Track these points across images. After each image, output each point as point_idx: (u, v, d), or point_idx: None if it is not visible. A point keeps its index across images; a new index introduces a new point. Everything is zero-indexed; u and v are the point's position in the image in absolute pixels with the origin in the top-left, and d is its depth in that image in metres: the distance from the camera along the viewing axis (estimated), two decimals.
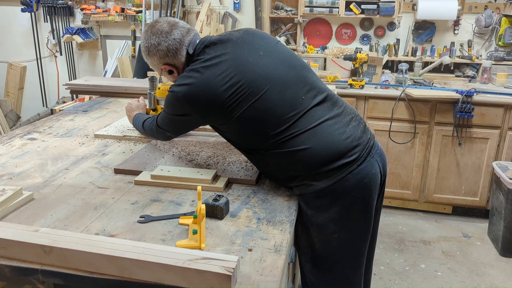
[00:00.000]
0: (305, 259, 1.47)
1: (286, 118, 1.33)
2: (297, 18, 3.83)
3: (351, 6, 3.62)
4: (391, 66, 3.86)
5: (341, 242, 1.42)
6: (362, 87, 3.28)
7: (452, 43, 3.76)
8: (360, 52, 3.38)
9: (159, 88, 1.86)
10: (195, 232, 1.06)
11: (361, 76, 3.35)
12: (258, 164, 1.46)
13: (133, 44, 4.32)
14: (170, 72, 1.49)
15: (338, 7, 3.65)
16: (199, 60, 1.39)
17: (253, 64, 1.36)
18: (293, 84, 1.38)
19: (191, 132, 1.95)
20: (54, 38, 4.49)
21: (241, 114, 1.32)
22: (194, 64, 1.40)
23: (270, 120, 1.33)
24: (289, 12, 3.87)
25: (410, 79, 3.46)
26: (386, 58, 3.76)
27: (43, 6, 4.37)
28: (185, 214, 1.23)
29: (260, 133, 1.35)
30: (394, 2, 3.53)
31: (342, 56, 3.46)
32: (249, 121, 1.34)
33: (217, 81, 1.33)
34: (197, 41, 1.45)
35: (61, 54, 4.54)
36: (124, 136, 1.92)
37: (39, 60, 4.58)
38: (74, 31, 4.22)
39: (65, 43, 4.46)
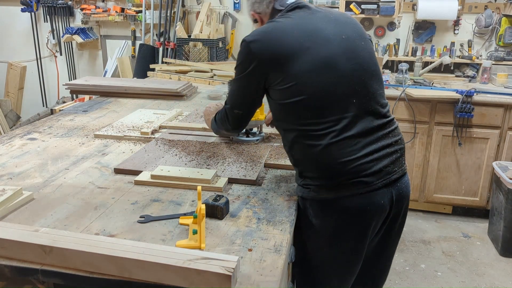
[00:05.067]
0: (296, 262, 1.45)
1: (327, 111, 1.27)
2: None
3: (351, 6, 3.62)
4: (391, 66, 3.86)
5: (329, 258, 1.39)
6: None
7: (452, 43, 3.76)
8: None
9: None
10: (195, 232, 1.06)
11: None
12: (285, 146, 1.42)
13: (133, 44, 4.32)
14: (255, 21, 1.51)
15: (338, 7, 3.65)
16: (284, 16, 1.38)
17: (328, 42, 1.31)
18: (350, 83, 1.30)
19: (191, 132, 1.95)
20: (54, 38, 4.49)
21: (292, 85, 1.28)
22: (276, 17, 1.39)
23: (311, 103, 1.27)
24: None
25: (410, 79, 3.46)
26: (386, 58, 3.76)
27: (43, 6, 4.37)
28: (185, 214, 1.23)
29: (299, 112, 1.29)
30: (394, 2, 3.53)
31: None
32: (294, 97, 1.29)
33: (290, 39, 1.29)
34: (289, 1, 1.43)
35: (61, 54, 4.54)
36: (124, 136, 1.91)
37: (39, 60, 4.58)
38: (74, 31, 4.22)
39: (65, 43, 4.46)
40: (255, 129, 1.89)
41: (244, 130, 1.87)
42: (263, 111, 1.82)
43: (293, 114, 1.31)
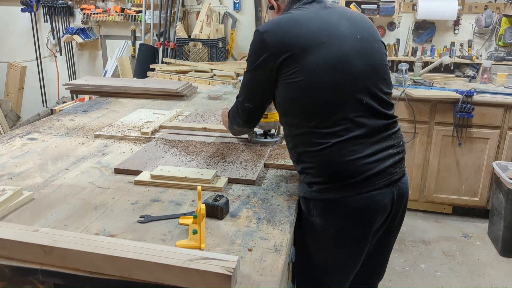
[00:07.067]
0: (296, 260, 1.45)
1: (337, 110, 1.26)
2: None
3: (351, 6, 3.61)
4: (391, 66, 3.85)
5: (331, 257, 1.39)
6: None
7: (452, 43, 3.76)
8: None
9: None
10: (195, 232, 1.06)
11: None
12: (288, 143, 1.41)
13: (133, 44, 4.32)
14: (271, 8, 1.47)
15: None
16: (300, 8, 1.36)
17: (344, 40, 1.29)
18: (362, 84, 1.29)
19: (191, 132, 1.95)
20: (54, 38, 4.49)
21: (303, 79, 1.26)
22: (292, 9, 1.37)
23: (321, 100, 1.26)
24: None
25: (410, 79, 3.46)
26: None
27: (43, 6, 4.37)
28: (185, 214, 1.23)
29: (308, 107, 1.28)
30: (394, 2, 3.53)
31: None
32: (304, 91, 1.27)
33: (306, 32, 1.27)
34: None
35: (61, 54, 4.54)
36: (124, 136, 1.92)
37: (39, 60, 4.58)
38: (74, 31, 4.22)
39: (65, 43, 4.46)
40: (273, 130, 1.87)
41: (262, 131, 1.84)
42: None
43: (301, 109, 1.30)
